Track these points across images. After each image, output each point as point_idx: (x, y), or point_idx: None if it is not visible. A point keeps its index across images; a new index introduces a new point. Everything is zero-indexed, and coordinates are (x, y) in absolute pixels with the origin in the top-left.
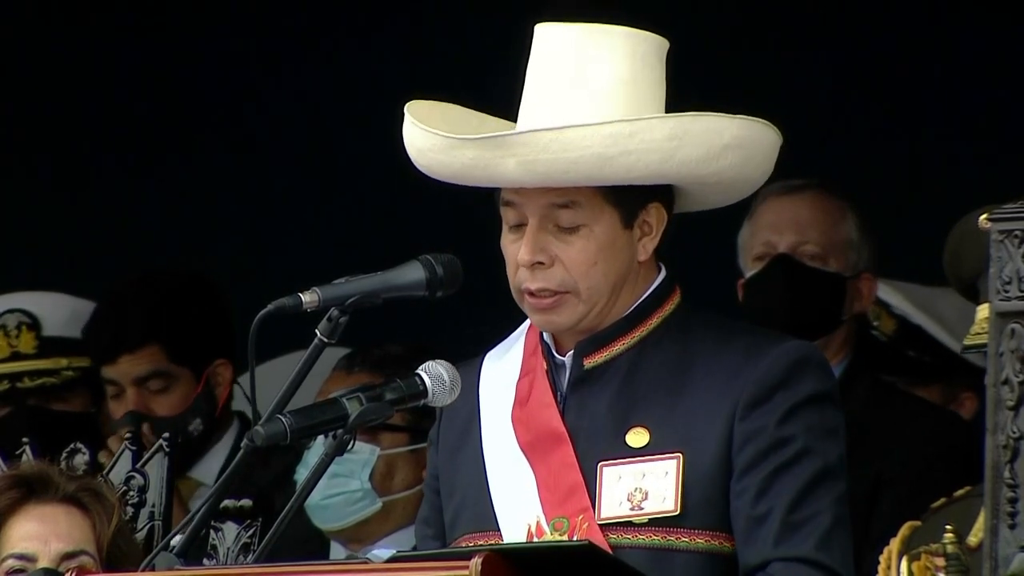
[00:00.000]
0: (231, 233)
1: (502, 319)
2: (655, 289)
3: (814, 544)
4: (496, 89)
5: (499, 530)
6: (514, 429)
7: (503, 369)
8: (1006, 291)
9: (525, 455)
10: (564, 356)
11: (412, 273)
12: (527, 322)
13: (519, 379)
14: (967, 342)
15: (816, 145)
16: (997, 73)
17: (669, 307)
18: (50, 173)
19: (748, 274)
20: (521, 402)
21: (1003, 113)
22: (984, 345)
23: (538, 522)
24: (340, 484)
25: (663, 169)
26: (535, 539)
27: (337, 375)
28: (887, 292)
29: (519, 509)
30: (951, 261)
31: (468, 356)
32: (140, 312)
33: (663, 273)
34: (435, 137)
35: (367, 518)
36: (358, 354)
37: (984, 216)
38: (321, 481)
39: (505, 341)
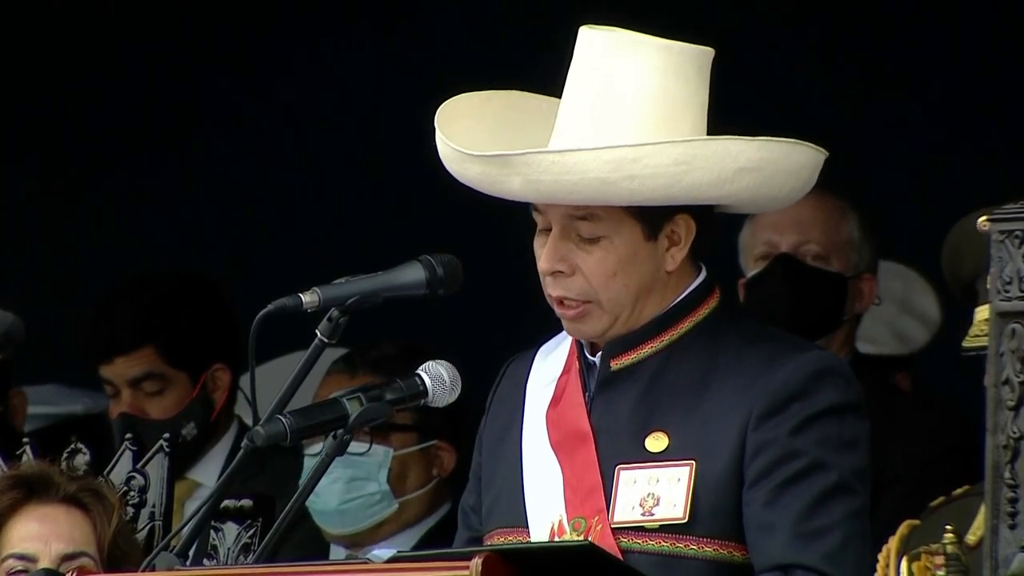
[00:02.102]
0: (231, 233)
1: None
2: (689, 293)
3: (823, 557)
4: (527, 86)
5: (527, 527)
6: (547, 427)
7: (549, 366)
8: (1006, 291)
9: (555, 453)
10: (595, 357)
11: (412, 273)
12: None
13: (559, 377)
14: (966, 344)
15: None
16: (997, 73)
17: (703, 311)
18: (49, 174)
19: (749, 274)
20: (555, 401)
21: (1004, 113)
22: (983, 347)
23: (560, 521)
24: (358, 488)
25: (670, 193)
26: (556, 538)
27: (336, 378)
28: None
29: (546, 507)
30: (950, 262)
31: (464, 357)
32: (135, 313)
33: (702, 276)
34: (448, 149)
35: (385, 519)
36: (355, 356)
37: (983, 218)
38: (338, 487)
39: (558, 336)
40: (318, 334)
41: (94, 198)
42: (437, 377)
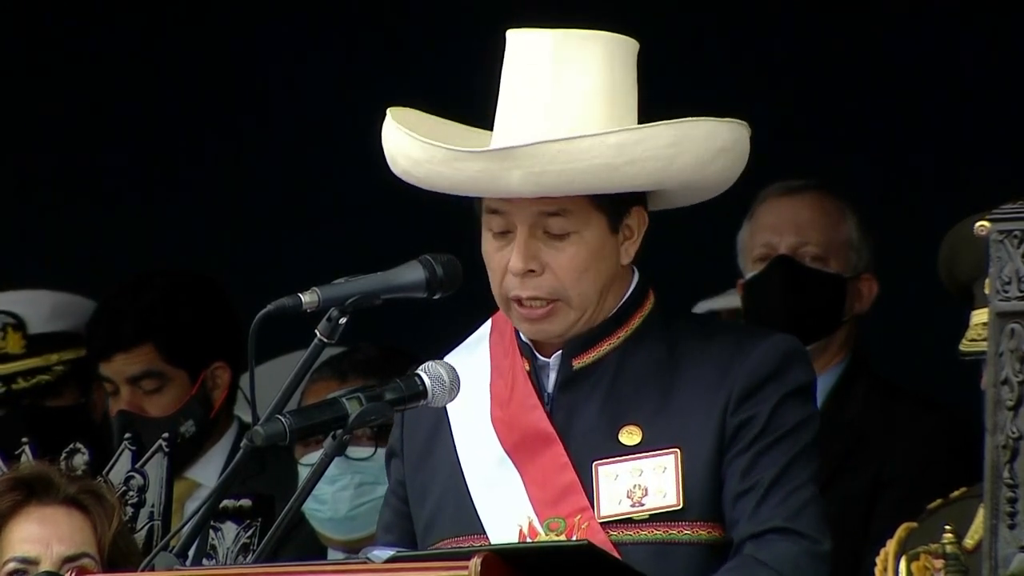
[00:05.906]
0: (232, 233)
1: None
2: (634, 290)
3: (787, 514)
4: (477, 98)
5: (484, 532)
6: (496, 431)
7: (470, 373)
8: (1005, 291)
9: (510, 457)
10: (548, 357)
11: (412, 273)
12: (486, 325)
13: (492, 381)
14: (964, 348)
15: (816, 145)
16: (996, 73)
17: (648, 307)
18: (54, 174)
19: (748, 275)
20: (502, 404)
21: (1002, 114)
22: (980, 351)
23: (530, 523)
24: (367, 492)
25: (662, 176)
26: (528, 540)
27: (325, 385)
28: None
29: (506, 511)
30: (947, 265)
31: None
32: (135, 311)
33: (637, 275)
34: (437, 149)
35: None
36: (342, 362)
37: (980, 222)
38: (347, 494)
39: (464, 345)
40: (317, 334)
41: (95, 197)
42: (437, 377)
